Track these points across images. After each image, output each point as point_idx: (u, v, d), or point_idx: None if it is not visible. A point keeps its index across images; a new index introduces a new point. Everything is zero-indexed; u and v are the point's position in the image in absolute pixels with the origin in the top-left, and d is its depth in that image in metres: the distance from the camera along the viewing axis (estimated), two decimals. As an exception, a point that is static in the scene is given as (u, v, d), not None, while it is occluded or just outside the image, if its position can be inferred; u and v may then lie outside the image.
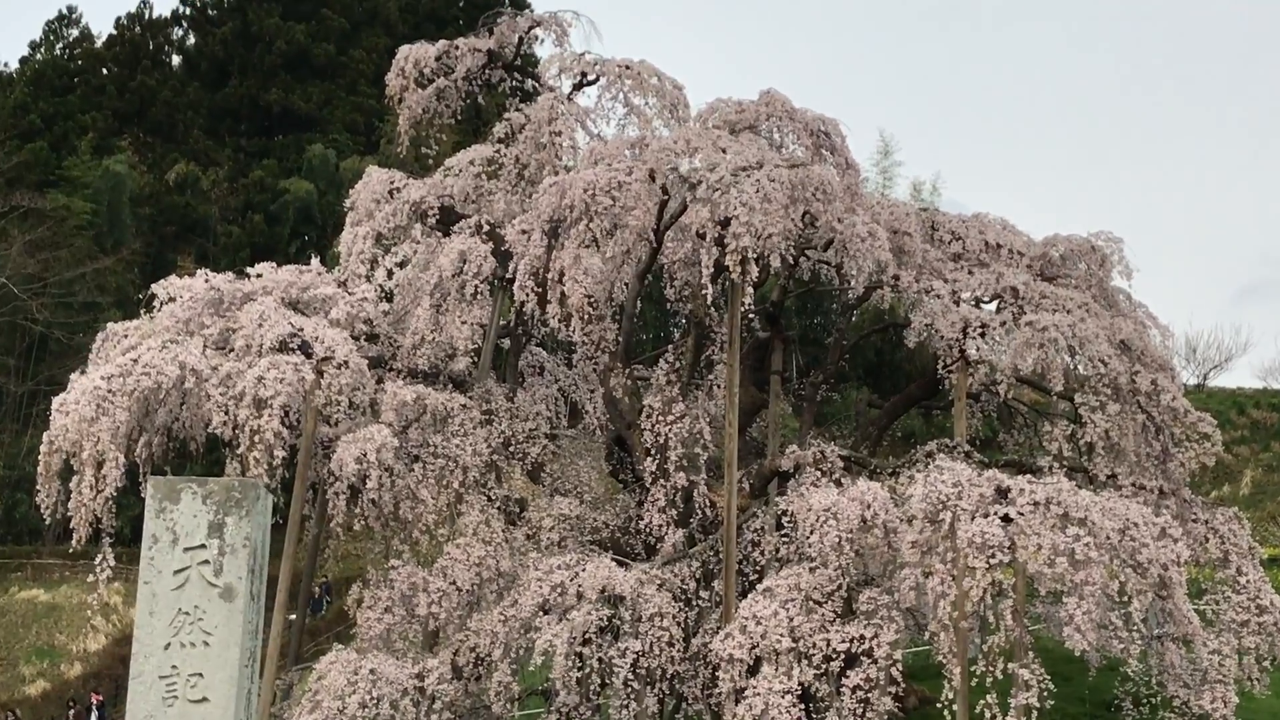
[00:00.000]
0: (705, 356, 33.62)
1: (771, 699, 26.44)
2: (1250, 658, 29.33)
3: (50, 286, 75.01)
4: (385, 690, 28.21)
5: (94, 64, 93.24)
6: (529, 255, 31.43)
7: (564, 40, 37.92)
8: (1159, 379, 32.40)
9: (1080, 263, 35.07)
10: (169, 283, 34.39)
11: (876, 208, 34.60)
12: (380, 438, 30.38)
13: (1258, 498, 59.71)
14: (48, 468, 30.78)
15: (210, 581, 8.87)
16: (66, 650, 65.36)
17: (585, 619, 28.10)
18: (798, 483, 31.31)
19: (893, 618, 27.82)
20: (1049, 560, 26.89)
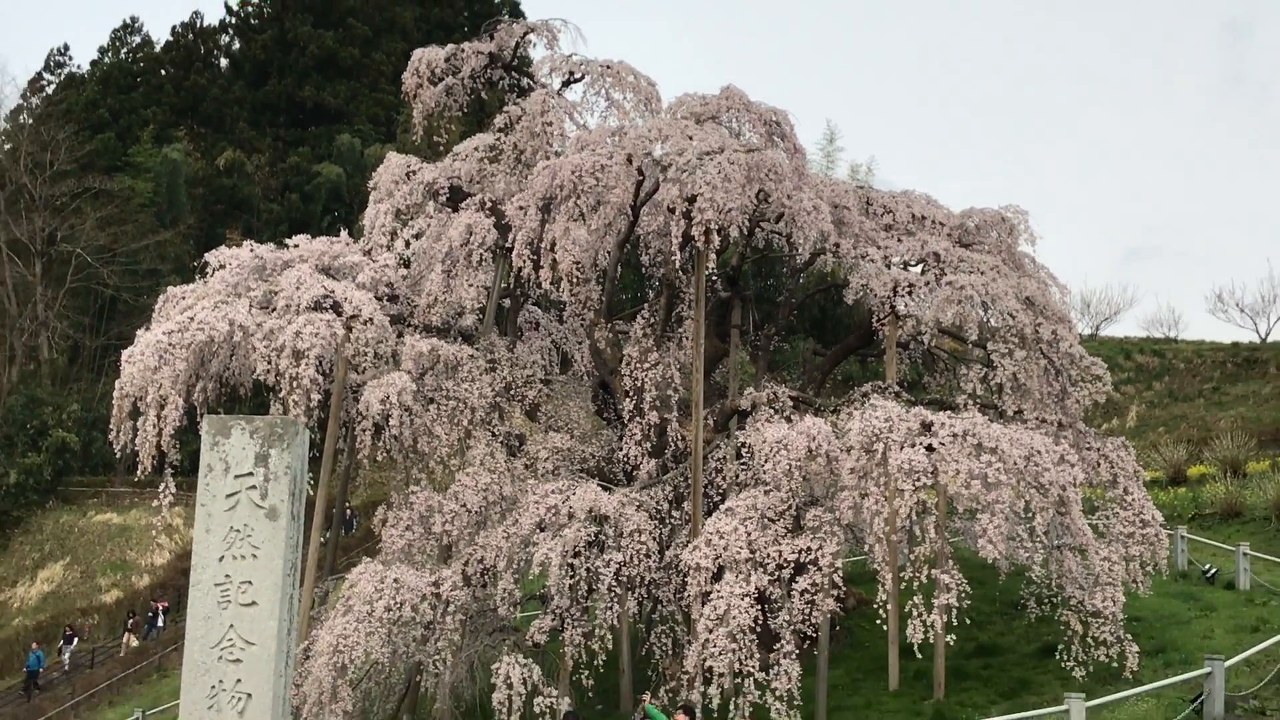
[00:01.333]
0: (675, 313, 33.57)
1: (733, 601, 26.50)
2: (1135, 564, 29.45)
3: (118, 256, 74.84)
4: (407, 596, 28.21)
5: (153, 66, 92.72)
6: (525, 228, 31.45)
7: (554, 44, 37.85)
8: (1058, 329, 32.49)
9: (992, 231, 35.08)
10: (219, 252, 34.50)
11: (820, 186, 34.62)
12: (400, 383, 30.39)
13: (1141, 429, 59.87)
14: (119, 410, 30.84)
15: (257, 504, 8.81)
16: (136, 564, 65.39)
17: (575, 535, 28.13)
18: (754, 419, 31.40)
19: (834, 532, 27.86)
20: (965, 483, 27.00)
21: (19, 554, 68.08)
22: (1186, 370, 72.16)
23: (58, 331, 76.24)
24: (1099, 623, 28.01)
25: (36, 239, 75.33)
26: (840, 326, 38.54)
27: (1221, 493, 42.60)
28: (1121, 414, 62.28)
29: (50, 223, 75.47)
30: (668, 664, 29.90)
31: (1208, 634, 30.41)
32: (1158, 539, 30.25)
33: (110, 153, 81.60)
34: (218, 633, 8.64)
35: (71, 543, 67.81)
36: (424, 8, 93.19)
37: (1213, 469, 46.75)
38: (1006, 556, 27.52)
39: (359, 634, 27.70)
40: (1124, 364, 67.17)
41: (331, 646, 27.63)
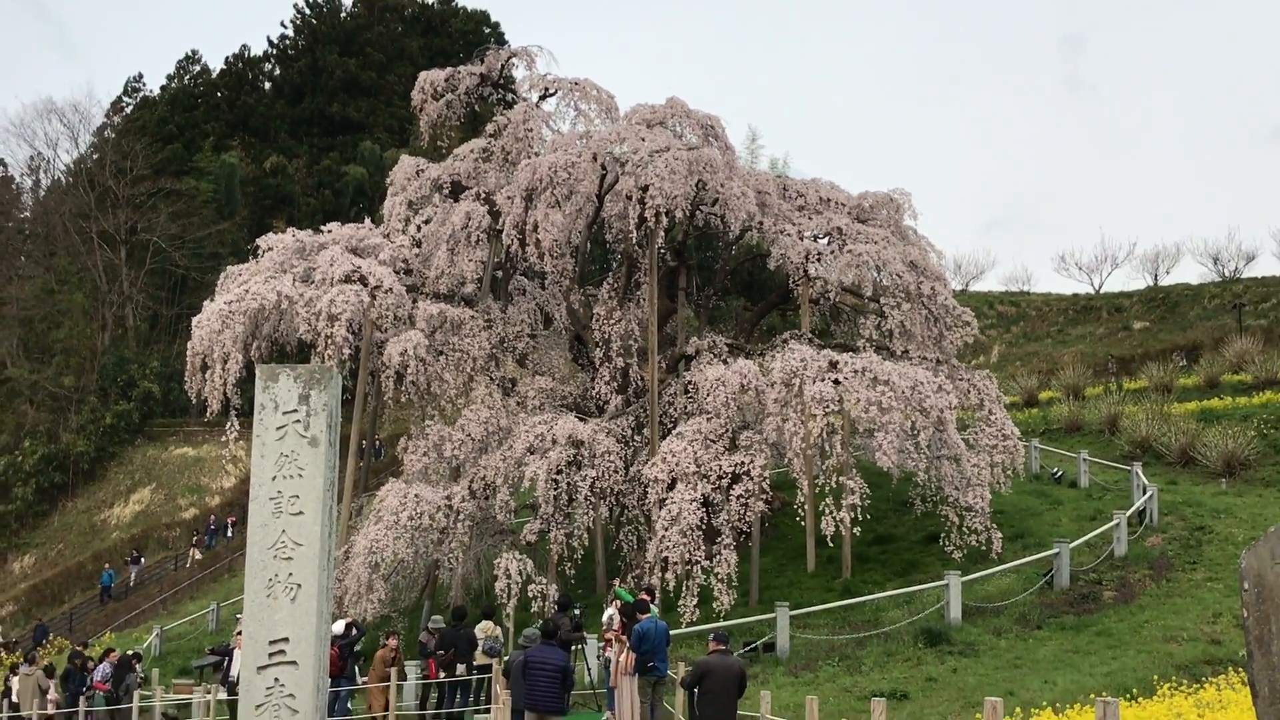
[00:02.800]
0: (634, 280, 33.58)
1: (683, 505, 26.65)
2: (998, 469, 29.67)
3: (187, 243, 74.48)
4: (424, 507, 28.27)
5: (211, 89, 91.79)
6: (513, 214, 31.38)
7: (532, 66, 37.67)
8: (935, 286, 32.68)
9: (883, 209, 35.12)
10: (268, 238, 34.42)
11: (747, 176, 34.62)
12: (415, 339, 30.38)
13: (1002, 363, 60.26)
14: (192, 365, 30.90)
15: (301, 434, 8.78)
16: (208, 488, 65.28)
17: (558, 456, 28.20)
18: (698, 362, 31.47)
19: (762, 450, 28.04)
20: (864, 408, 27.20)
21: (114, 482, 67.96)
22: (1037, 316, 72.51)
23: (140, 304, 75.89)
24: (971, 515, 28.29)
25: (121, 230, 74.93)
26: (765, 287, 38.53)
27: (1065, 412, 42.98)
28: (986, 352, 62.69)
29: (131, 217, 75.09)
30: (633, 556, 30.07)
31: (1056, 523, 30.71)
32: (1016, 449, 30.52)
33: (178, 160, 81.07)
34: (273, 537, 8.64)
35: (156, 471, 67.67)
36: (427, 38, 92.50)
37: (1058, 394, 47.13)
38: (897, 465, 27.82)
39: (388, 538, 27.81)
40: (988, 313, 67.46)
41: (366, 549, 27.73)
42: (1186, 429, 36.57)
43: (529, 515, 29.38)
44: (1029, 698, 17.60)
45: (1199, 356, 49.25)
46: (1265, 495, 31.73)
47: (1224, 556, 26.23)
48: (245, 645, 8.71)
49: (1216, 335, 53.96)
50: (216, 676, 25.54)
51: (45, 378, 70.41)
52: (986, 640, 23.27)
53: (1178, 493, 31.92)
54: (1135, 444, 37.01)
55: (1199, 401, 41.15)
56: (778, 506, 31.57)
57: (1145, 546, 27.64)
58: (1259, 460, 34.17)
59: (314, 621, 8.31)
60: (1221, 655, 19.79)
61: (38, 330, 74.50)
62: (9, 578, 63.65)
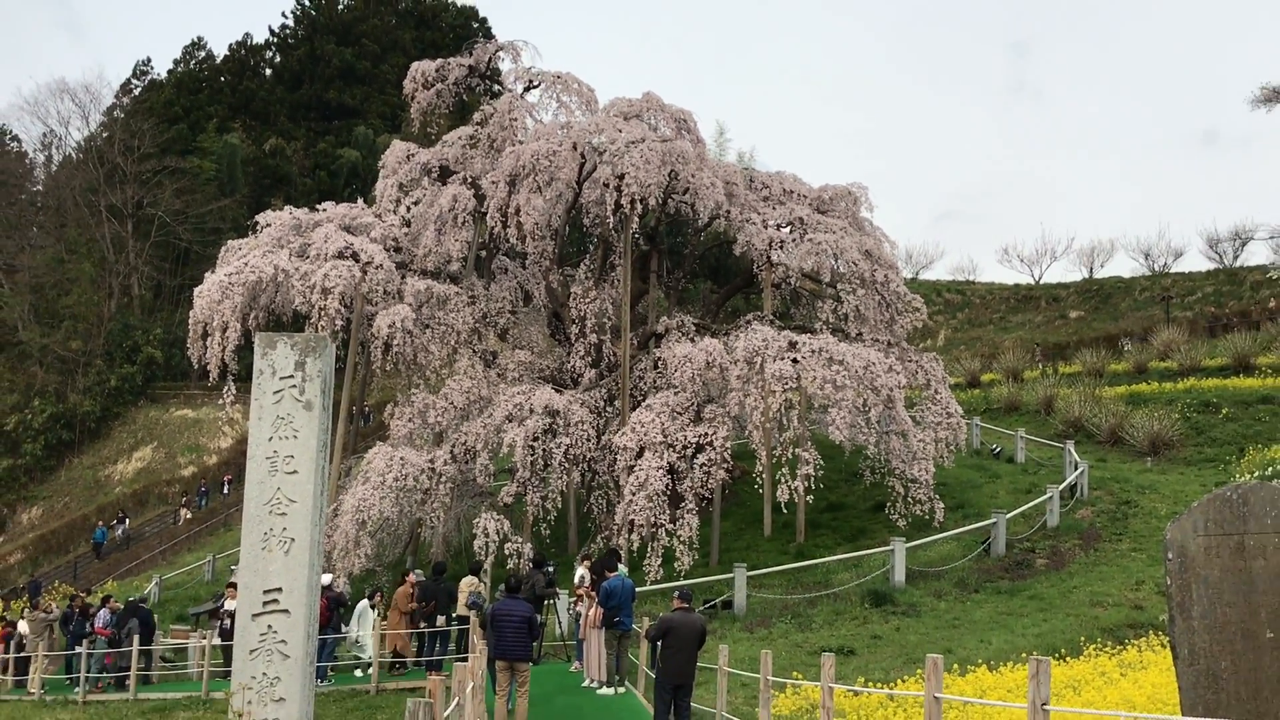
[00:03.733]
0: (609, 262, 33.48)
1: (650, 472, 26.65)
2: (942, 444, 29.84)
3: (190, 218, 74.00)
4: (409, 469, 28.20)
5: (215, 74, 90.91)
6: (497, 197, 31.21)
7: (518, 59, 37.36)
8: (889, 274, 32.74)
9: (841, 201, 35.11)
10: (266, 215, 34.25)
11: (715, 168, 34.52)
12: (403, 312, 30.24)
13: (948, 347, 60.52)
14: (193, 332, 30.73)
15: (296, 398, 8.73)
16: (206, 447, 65.04)
17: (534, 424, 28.16)
18: (667, 340, 31.45)
19: (725, 422, 28.07)
20: (820, 385, 27.25)
21: (118, 440, 67.68)
22: (981, 304, 72.87)
23: (144, 274, 75.46)
24: (916, 487, 28.42)
25: (128, 204, 74.39)
26: (730, 272, 38.48)
27: (1005, 393, 43.21)
28: (933, 336, 62.95)
29: (138, 192, 74.53)
30: (602, 518, 30.10)
31: (994, 495, 30.92)
32: (959, 426, 30.69)
33: (183, 139, 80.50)
34: (268, 493, 8.60)
35: (157, 431, 67.38)
36: (419, 30, 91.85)
37: (999, 376, 47.39)
38: (849, 439, 27.89)
39: (375, 498, 27.72)
40: (936, 300, 67.68)
41: (354, 507, 27.64)
42: (1116, 411, 36.84)
43: (507, 479, 29.35)
44: (966, 655, 17.74)
45: (1128, 344, 49.58)
46: (1187, 473, 32.03)
47: (1147, 529, 26.48)
48: (241, 594, 8.69)
49: (1146, 325, 54.37)
50: (212, 623, 25.49)
51: (54, 341, 69.99)
52: (928, 602, 23.43)
53: (1106, 469, 32.20)
54: (1069, 424, 37.27)
55: (1128, 386, 41.45)
56: (738, 475, 31.68)
57: (1075, 518, 27.88)
58: (1182, 441, 34.47)
59: (306, 573, 8.29)
60: (1143, 620, 19.98)
61: (48, 297, 73.96)
62: (18, 528, 63.50)
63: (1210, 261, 71.42)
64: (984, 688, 15.16)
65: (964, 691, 14.63)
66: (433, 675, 11.01)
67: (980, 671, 16.14)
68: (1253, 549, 6.01)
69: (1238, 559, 6.03)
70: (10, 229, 78.46)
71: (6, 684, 27.88)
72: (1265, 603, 5.95)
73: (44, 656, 26.80)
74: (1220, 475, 30.53)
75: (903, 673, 17.38)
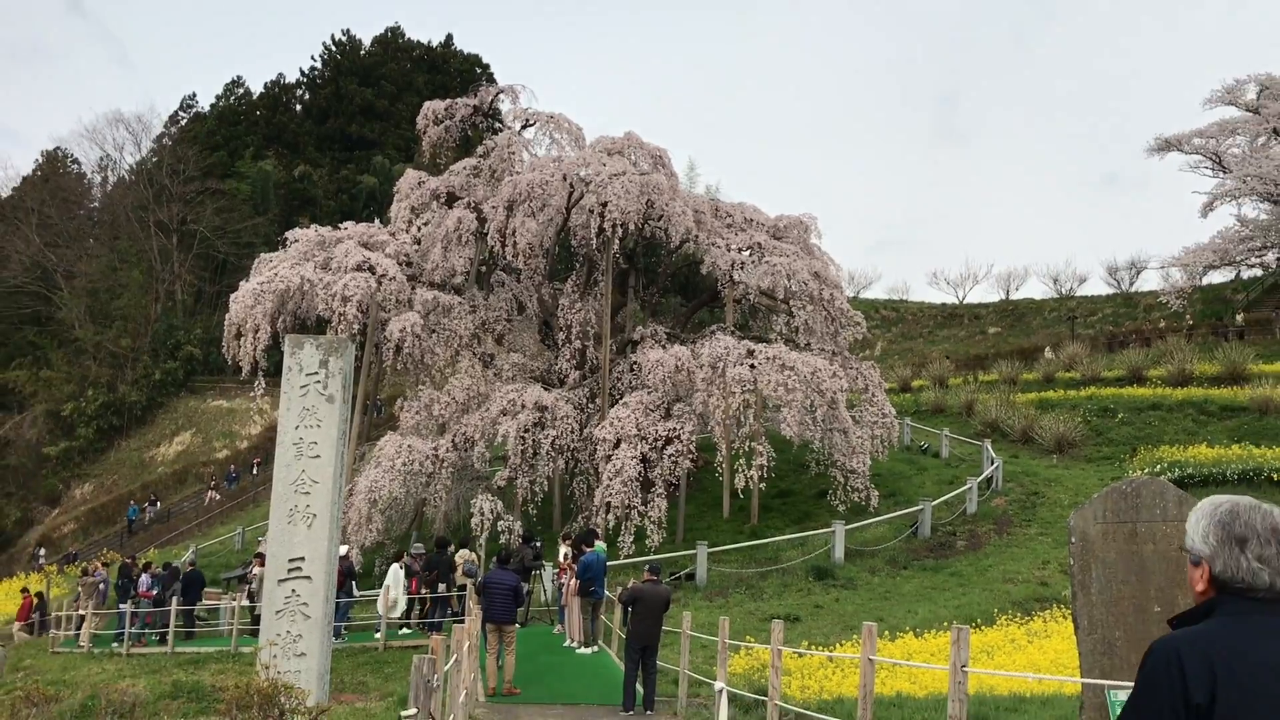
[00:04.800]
0: (592, 278, 33.46)
1: (625, 460, 26.64)
2: (878, 440, 29.92)
3: (228, 234, 73.55)
4: (416, 456, 28.09)
5: (252, 108, 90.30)
6: (496, 220, 31.13)
7: (516, 100, 37.37)
8: (834, 293, 32.78)
9: (794, 229, 35.15)
10: (295, 232, 34.11)
11: (686, 198, 34.54)
12: (413, 319, 30.13)
13: (884, 357, 60.57)
14: (229, 333, 30.53)
15: (320, 392, 8.68)
16: (238, 434, 64.59)
17: (526, 418, 28.11)
18: (642, 347, 31.44)
19: (691, 418, 28.08)
20: (774, 388, 27.28)
21: (161, 426, 67.22)
22: (913, 320, 73.09)
23: (187, 282, 74.99)
24: (854, 477, 28.51)
25: (173, 220, 73.97)
26: (698, 288, 38.49)
27: (932, 397, 43.36)
28: (871, 347, 63.08)
29: (182, 210, 74.12)
30: (583, 501, 30.05)
31: (921, 485, 31.03)
32: (892, 425, 30.79)
33: (223, 165, 80.00)
34: (294, 475, 8.55)
35: (196, 419, 66.92)
36: (431, 74, 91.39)
37: (927, 382, 47.55)
38: (798, 435, 27.92)
39: (385, 480, 27.60)
40: (874, 316, 67.87)
41: (367, 488, 27.52)
42: (1027, 414, 37.03)
43: (501, 465, 29.27)
44: (895, 623, 17.80)
45: (1038, 357, 49.84)
46: (1087, 469, 32.22)
47: (1053, 516, 26.63)
48: (268, 562, 8.63)
49: (1054, 341, 54.66)
50: (241, 588, 25.32)
51: (107, 339, 69.58)
52: (863, 577, 23.50)
53: (1018, 465, 32.36)
54: (987, 424, 37.43)
55: (1038, 393, 41.64)
56: (701, 464, 31.67)
57: (991, 506, 28.01)
58: (1083, 441, 34.67)
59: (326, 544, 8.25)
60: (1048, 594, 20.10)
61: (102, 300, 73.41)
62: (71, 501, 63.08)
63: (1110, 287, 71.84)
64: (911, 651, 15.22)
65: (894, 654, 14.68)
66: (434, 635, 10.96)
67: (908, 637, 16.20)
68: (1143, 535, 6.08)
69: (1131, 543, 6.09)
70: (70, 240, 77.95)
71: (59, 638, 27.62)
72: (1154, 581, 6.02)
73: (94, 614, 26.56)
74: (1116, 471, 30.72)
75: (841, 638, 17.43)
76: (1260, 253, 50.47)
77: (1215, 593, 2.56)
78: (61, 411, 66.27)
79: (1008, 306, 71.95)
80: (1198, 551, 2.61)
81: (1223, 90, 54.31)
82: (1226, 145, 54.75)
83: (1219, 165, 54.66)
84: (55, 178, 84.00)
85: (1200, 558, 2.60)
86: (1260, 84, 53.47)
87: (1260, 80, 53.50)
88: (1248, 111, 53.66)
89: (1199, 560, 2.61)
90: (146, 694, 11.30)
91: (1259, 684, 2.33)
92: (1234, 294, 58.57)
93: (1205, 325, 50.04)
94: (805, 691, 13.39)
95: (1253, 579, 2.51)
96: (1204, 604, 2.58)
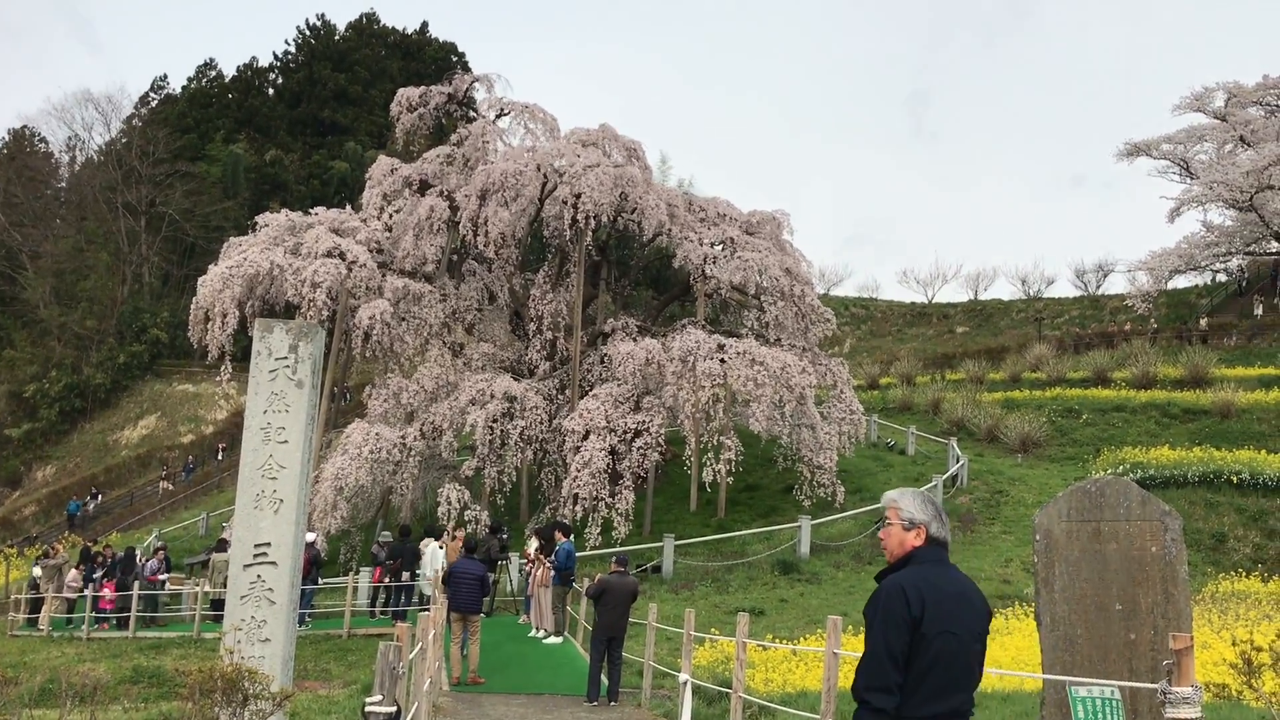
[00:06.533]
0: (564, 269, 33.39)
1: (594, 452, 26.64)
2: (845, 437, 30.03)
3: (197, 216, 72.97)
4: (383, 444, 27.95)
5: (224, 91, 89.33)
6: (469, 209, 31.00)
7: (491, 89, 37.15)
8: (805, 289, 32.86)
9: (766, 225, 35.15)
10: (264, 216, 33.85)
11: (660, 191, 34.46)
12: (382, 306, 29.97)
13: (853, 354, 60.85)
14: (195, 317, 30.31)
15: (289, 377, 8.59)
16: (204, 418, 64.07)
17: (494, 408, 28.05)
18: (613, 339, 31.39)
19: (660, 411, 28.10)
20: (743, 383, 27.34)
21: (126, 409, 66.58)
22: (882, 318, 73.53)
23: (154, 265, 74.35)
24: (821, 472, 28.63)
25: (142, 203, 73.26)
26: (670, 282, 38.51)
27: (900, 395, 43.59)
28: (840, 344, 63.36)
29: (151, 192, 73.40)
30: (551, 492, 30.02)
31: (887, 481, 31.15)
32: (859, 422, 30.94)
33: (193, 148, 79.24)
34: (261, 459, 8.46)
35: (161, 402, 66.31)
36: (405, 61, 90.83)
37: (895, 380, 47.81)
38: (766, 430, 28.00)
39: (352, 467, 27.44)
40: (844, 313, 68.23)
41: (333, 475, 27.36)
42: (993, 414, 37.30)
43: (468, 455, 29.19)
44: (859, 617, 17.91)
45: (1005, 357, 50.23)
46: (1051, 468, 32.53)
47: (1016, 515, 26.86)
48: (234, 547, 8.55)
49: (1021, 341, 55.12)
50: (204, 573, 25.15)
51: (72, 320, 68.85)
52: (828, 571, 23.62)
53: (984, 463, 32.61)
54: (953, 423, 37.67)
55: (1004, 393, 41.95)
56: (670, 457, 31.73)
57: (956, 504, 28.22)
58: (1048, 441, 34.99)
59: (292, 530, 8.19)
60: (1010, 592, 20.27)
61: (67, 281, 72.62)
62: (33, 484, 62.40)
63: (1077, 289, 72.64)
64: (874, 646, 15.30)
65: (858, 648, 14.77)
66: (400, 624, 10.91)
67: (871, 632, 16.27)
68: (1106, 534, 6.14)
69: (1094, 542, 6.14)
70: (36, 220, 77.06)
71: (18, 622, 27.32)
72: (1115, 580, 6.08)
73: (53, 598, 26.28)
74: (1080, 471, 31.02)
75: (805, 631, 17.51)
76: (1225, 258, 51.10)
77: (921, 546, 3.87)
78: (24, 393, 65.52)
79: (976, 307, 72.53)
80: (920, 519, 3.90)
81: (1191, 97, 54.92)
82: (1194, 151, 55.39)
83: (1186, 171, 55.29)
84: (22, 156, 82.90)
85: (920, 523, 3.89)
86: (1228, 91, 54.12)
87: (1228, 88, 54.15)
88: (1215, 119, 54.30)
89: (916, 524, 3.90)
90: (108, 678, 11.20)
91: (946, 601, 3.68)
92: (1198, 299, 59.32)
93: (1170, 329, 50.62)
94: (769, 684, 13.45)
95: (942, 534, 3.90)
96: (903, 557, 3.90)
